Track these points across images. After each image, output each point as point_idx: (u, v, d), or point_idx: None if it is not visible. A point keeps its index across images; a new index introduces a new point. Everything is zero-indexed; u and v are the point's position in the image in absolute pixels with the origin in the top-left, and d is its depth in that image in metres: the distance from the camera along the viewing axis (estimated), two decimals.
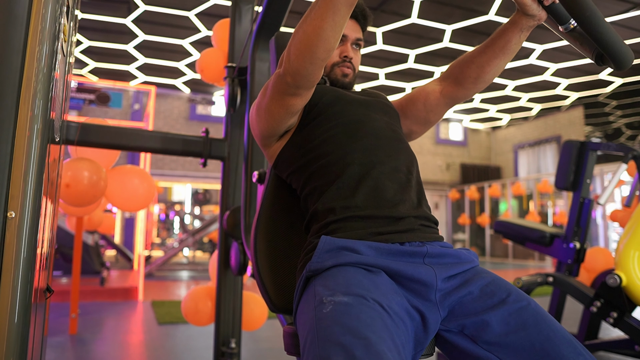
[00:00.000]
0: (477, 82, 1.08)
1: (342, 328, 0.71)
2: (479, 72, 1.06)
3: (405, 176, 1.01)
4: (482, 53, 1.04)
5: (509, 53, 1.02)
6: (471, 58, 1.06)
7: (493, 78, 1.07)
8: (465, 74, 1.08)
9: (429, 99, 1.15)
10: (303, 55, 0.88)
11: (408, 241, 0.92)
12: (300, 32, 0.87)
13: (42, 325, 1.22)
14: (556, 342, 0.79)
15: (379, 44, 7.58)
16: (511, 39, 0.99)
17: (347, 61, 1.16)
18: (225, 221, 1.98)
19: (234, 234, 1.97)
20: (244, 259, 1.89)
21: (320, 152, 1.02)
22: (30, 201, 0.97)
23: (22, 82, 0.98)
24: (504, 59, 1.03)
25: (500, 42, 1.01)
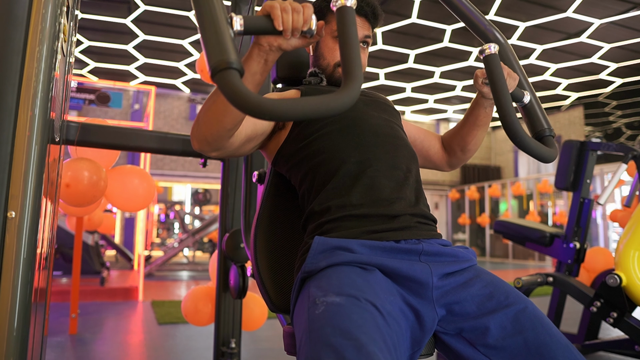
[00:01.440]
0: (464, 151, 1.23)
1: (333, 329, 0.71)
2: (462, 144, 1.21)
3: (403, 174, 1.01)
4: (462, 127, 1.19)
5: (482, 125, 1.17)
6: (456, 130, 1.21)
7: (477, 147, 1.22)
8: (453, 146, 1.23)
9: (434, 156, 1.27)
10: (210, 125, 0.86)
11: (404, 239, 0.92)
12: (209, 103, 0.85)
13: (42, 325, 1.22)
14: (552, 347, 0.79)
15: (379, 44, 7.58)
16: (479, 115, 1.14)
17: None
18: (224, 244, 1.96)
19: (234, 257, 1.94)
20: (243, 282, 1.87)
21: (316, 149, 1.02)
22: (30, 201, 0.97)
23: (22, 82, 0.98)
24: (479, 131, 1.18)
25: (471, 118, 1.16)
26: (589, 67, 8.26)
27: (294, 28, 0.74)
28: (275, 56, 0.79)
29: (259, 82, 0.82)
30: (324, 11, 1.12)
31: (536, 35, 7.10)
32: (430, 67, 8.56)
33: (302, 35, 0.77)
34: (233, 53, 0.62)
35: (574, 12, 6.28)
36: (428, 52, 7.88)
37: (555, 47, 7.46)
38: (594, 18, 6.46)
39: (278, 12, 0.73)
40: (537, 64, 8.19)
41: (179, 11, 6.54)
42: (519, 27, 6.86)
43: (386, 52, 7.91)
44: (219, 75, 0.61)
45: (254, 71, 0.80)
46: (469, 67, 8.46)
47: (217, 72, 0.61)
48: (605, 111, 10.41)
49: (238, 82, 0.61)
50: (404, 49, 7.80)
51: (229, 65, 0.61)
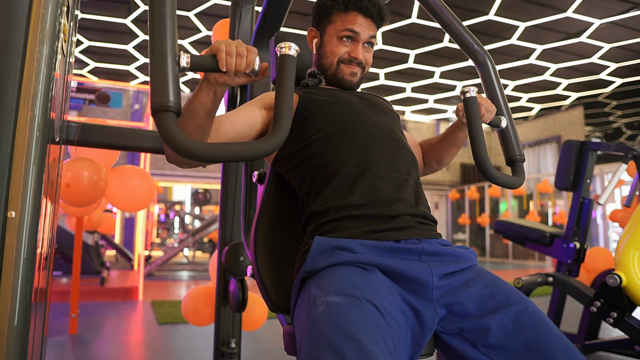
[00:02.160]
0: (440, 164, 1.31)
1: (333, 329, 0.71)
2: (439, 158, 1.29)
3: (403, 176, 1.01)
4: (441, 144, 1.25)
5: (459, 144, 1.24)
6: (434, 145, 1.27)
7: (450, 161, 1.30)
8: (431, 157, 1.30)
9: None
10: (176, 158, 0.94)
11: (404, 239, 0.92)
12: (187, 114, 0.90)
13: (42, 325, 1.22)
14: (552, 347, 0.79)
15: (379, 44, 7.58)
16: (456, 136, 1.21)
17: (354, 62, 1.13)
18: (224, 257, 1.96)
19: (233, 270, 1.94)
20: (242, 296, 1.87)
21: (316, 151, 1.01)
22: (30, 201, 0.97)
23: (22, 82, 0.98)
24: (456, 149, 1.25)
25: (450, 138, 1.22)
26: (589, 67, 8.25)
27: (237, 70, 0.80)
28: (223, 90, 0.85)
29: (211, 110, 0.87)
30: (329, 10, 1.13)
31: (536, 35, 7.09)
32: (430, 67, 8.56)
33: (246, 75, 0.83)
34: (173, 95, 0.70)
35: (574, 12, 6.28)
36: (428, 52, 7.88)
37: (555, 47, 7.46)
38: (594, 18, 6.46)
39: (223, 55, 0.78)
40: (537, 64, 8.19)
41: (179, 11, 6.54)
42: (519, 27, 6.86)
43: (386, 52, 7.91)
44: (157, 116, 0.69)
45: (204, 101, 0.86)
46: (469, 67, 8.46)
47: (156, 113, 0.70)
48: (605, 111, 10.41)
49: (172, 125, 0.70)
50: (404, 49, 7.80)
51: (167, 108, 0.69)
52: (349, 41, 1.11)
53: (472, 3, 6.25)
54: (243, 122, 1.03)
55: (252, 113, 1.06)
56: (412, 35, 7.29)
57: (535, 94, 9.96)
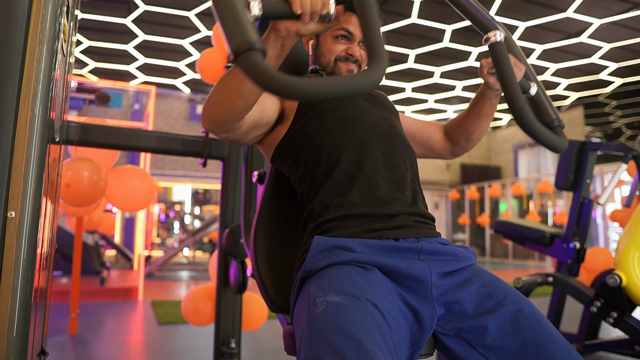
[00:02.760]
0: (468, 140, 1.22)
1: (333, 329, 0.71)
2: (466, 134, 1.21)
3: (401, 173, 1.01)
4: (467, 117, 1.18)
5: (486, 116, 1.16)
6: (460, 120, 1.20)
7: (481, 136, 1.21)
8: (457, 135, 1.22)
9: (436, 145, 1.26)
10: (221, 106, 0.86)
11: (402, 237, 0.92)
12: (221, 84, 0.85)
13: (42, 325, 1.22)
14: (550, 348, 0.79)
15: None
16: (483, 105, 1.13)
17: (351, 60, 1.12)
18: (225, 239, 1.97)
19: (234, 252, 1.95)
20: (243, 277, 1.88)
21: (315, 147, 1.01)
22: (30, 201, 0.97)
23: (22, 82, 0.98)
24: (484, 121, 1.17)
25: (476, 109, 1.15)
26: (589, 67, 8.25)
27: (313, 12, 0.73)
28: (292, 42, 0.79)
29: (275, 66, 0.81)
30: None
31: (536, 35, 7.09)
32: (430, 67, 8.56)
33: (320, 20, 0.76)
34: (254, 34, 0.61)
35: (574, 12, 6.28)
36: (428, 52, 7.88)
37: (555, 47, 7.46)
38: (594, 18, 6.46)
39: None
40: (537, 64, 8.19)
41: (179, 11, 6.54)
42: (519, 27, 6.86)
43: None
44: (241, 57, 0.60)
45: (269, 56, 0.80)
46: (469, 67, 8.46)
47: (239, 54, 0.60)
48: (605, 111, 10.41)
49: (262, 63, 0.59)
50: (404, 49, 7.80)
51: (251, 46, 0.59)
52: (345, 40, 1.12)
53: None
54: (268, 108, 1.02)
55: (273, 100, 1.05)
56: (412, 35, 7.29)
57: None
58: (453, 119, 1.24)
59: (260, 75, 0.59)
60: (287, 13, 0.73)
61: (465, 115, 1.18)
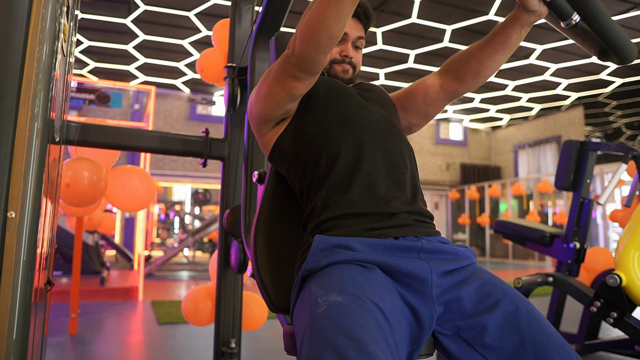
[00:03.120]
0: (477, 76, 1.08)
1: (335, 329, 0.71)
2: (479, 67, 1.06)
3: (400, 171, 1.01)
4: (483, 48, 1.04)
5: (509, 48, 1.02)
6: (471, 53, 1.06)
7: (492, 73, 1.07)
8: (465, 69, 1.08)
9: (428, 92, 1.15)
10: (307, 41, 0.88)
11: (402, 236, 0.92)
12: (305, 18, 0.87)
13: (42, 325, 1.22)
14: (548, 348, 0.79)
15: (379, 44, 7.58)
16: (511, 34, 0.99)
17: (346, 61, 1.15)
18: (225, 219, 1.98)
19: (234, 232, 1.97)
20: (243, 257, 1.89)
21: (314, 144, 1.02)
22: (30, 201, 0.97)
23: (22, 82, 0.98)
24: (504, 54, 1.03)
25: (500, 38, 1.01)
26: (589, 67, 8.26)
27: None
28: None
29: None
30: None
31: (536, 35, 7.10)
32: (430, 67, 8.56)
33: None
34: None
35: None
36: (428, 52, 7.88)
37: (555, 47, 7.46)
38: None
39: None
40: (537, 64, 8.19)
41: (179, 11, 6.54)
42: None
43: (386, 52, 7.91)
44: None
45: None
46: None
47: None
48: (605, 111, 10.41)
49: None
50: (404, 49, 7.80)
51: None
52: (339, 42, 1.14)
53: (472, 3, 6.25)
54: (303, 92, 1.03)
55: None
56: (412, 35, 7.29)
57: (535, 94, 9.96)
58: (458, 53, 1.11)
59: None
60: None
61: (481, 46, 1.04)
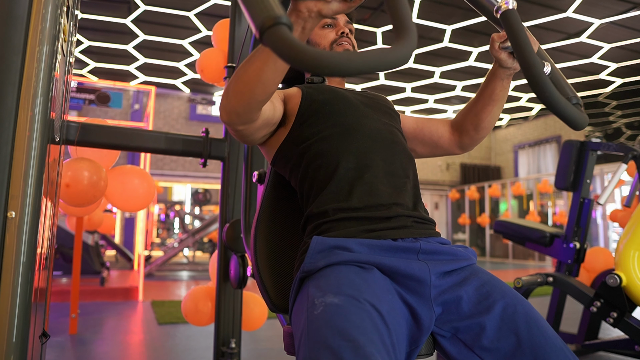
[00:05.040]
0: (478, 129, 1.15)
1: (331, 330, 0.71)
2: (476, 122, 1.14)
3: (401, 180, 1.00)
4: (476, 102, 1.12)
5: (498, 100, 1.09)
6: (469, 107, 1.15)
7: (492, 124, 1.14)
8: (467, 123, 1.16)
9: (441, 140, 1.21)
10: (241, 95, 0.85)
11: (401, 237, 0.92)
12: (241, 71, 0.83)
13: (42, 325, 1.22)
14: (546, 350, 0.79)
15: (379, 44, 7.58)
16: (495, 87, 1.08)
17: (344, 36, 1.16)
18: (225, 234, 1.97)
19: (234, 247, 1.95)
20: (243, 272, 1.88)
21: (316, 152, 1.01)
22: (30, 201, 0.97)
23: (22, 82, 0.98)
24: (495, 106, 1.11)
25: (487, 92, 1.09)
26: (589, 67, 8.25)
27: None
28: (314, 23, 0.75)
29: None
30: None
31: (536, 35, 7.01)
32: (430, 67, 8.56)
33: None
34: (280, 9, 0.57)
35: (574, 12, 6.29)
36: (428, 52, 7.88)
37: (555, 47, 7.46)
38: (594, 18, 6.46)
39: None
40: None
41: (179, 11, 6.54)
42: None
43: None
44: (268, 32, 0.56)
45: None
46: (469, 67, 8.46)
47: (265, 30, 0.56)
48: (605, 111, 10.41)
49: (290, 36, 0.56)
50: None
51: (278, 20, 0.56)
52: (331, 27, 1.18)
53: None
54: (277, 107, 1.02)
55: (281, 103, 1.06)
56: None
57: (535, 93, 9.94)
58: (462, 109, 1.19)
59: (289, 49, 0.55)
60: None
61: (474, 101, 1.13)
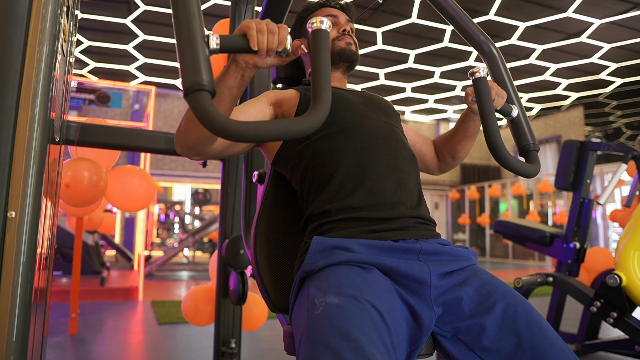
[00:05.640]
0: (454, 159, 1.27)
1: (332, 330, 0.71)
2: (452, 152, 1.25)
3: (404, 177, 1.01)
4: (452, 137, 1.23)
5: (472, 136, 1.21)
6: (446, 139, 1.25)
7: (466, 154, 1.27)
8: (444, 153, 1.27)
9: (425, 159, 1.30)
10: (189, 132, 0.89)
11: (402, 238, 0.92)
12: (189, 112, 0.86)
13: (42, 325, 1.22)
14: (547, 350, 0.79)
15: (379, 44, 7.58)
16: (468, 127, 1.18)
17: (345, 33, 1.17)
18: (224, 250, 1.96)
19: (233, 264, 1.95)
20: (243, 289, 1.88)
21: (317, 151, 1.02)
22: (30, 201, 0.97)
23: (22, 82, 0.98)
24: (469, 141, 1.22)
25: (461, 130, 1.20)
26: (589, 67, 8.26)
27: (269, 49, 0.76)
28: (252, 72, 0.82)
29: (236, 95, 0.84)
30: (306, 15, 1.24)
31: (536, 35, 7.10)
32: (430, 67, 8.56)
33: (277, 55, 0.79)
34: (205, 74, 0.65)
35: (574, 12, 6.29)
36: (428, 52, 7.88)
37: (555, 47, 7.46)
38: (594, 18, 6.46)
39: (254, 33, 0.74)
40: (537, 64, 8.19)
41: None
42: (519, 27, 6.86)
43: (386, 52, 7.91)
44: (190, 96, 0.64)
45: (230, 85, 0.82)
46: (469, 67, 8.46)
47: (189, 93, 0.64)
48: (605, 111, 10.41)
49: (208, 104, 0.64)
50: (404, 49, 7.80)
51: (201, 87, 0.64)
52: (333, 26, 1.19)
53: (472, 3, 6.25)
54: (254, 117, 1.04)
55: (261, 108, 1.07)
56: (412, 35, 7.29)
57: (535, 94, 9.96)
58: (439, 137, 1.30)
59: (203, 116, 0.64)
60: (244, 48, 0.76)
61: (451, 134, 1.23)
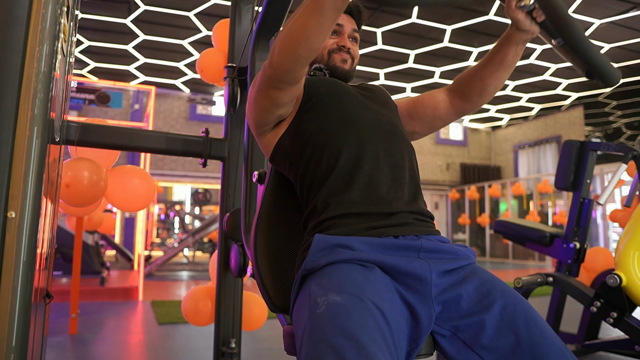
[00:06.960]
0: (482, 94, 1.13)
1: (334, 329, 0.71)
2: (482, 86, 1.11)
3: (401, 171, 1.01)
4: (484, 67, 1.09)
5: (507, 66, 1.07)
6: (475, 72, 1.11)
7: (496, 90, 1.12)
8: (470, 87, 1.13)
9: (438, 107, 1.19)
10: (286, 52, 0.88)
11: (402, 235, 0.92)
12: (286, 29, 0.86)
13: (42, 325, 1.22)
14: (545, 350, 0.79)
15: (379, 44, 7.58)
16: (508, 53, 1.05)
17: (343, 50, 1.17)
18: (225, 223, 1.98)
19: (234, 235, 1.96)
20: (243, 260, 1.89)
21: (315, 144, 1.02)
22: (30, 201, 0.97)
23: (22, 82, 0.98)
24: (504, 72, 1.08)
25: (498, 57, 1.06)
26: None
27: None
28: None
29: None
30: None
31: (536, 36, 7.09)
32: (430, 67, 8.56)
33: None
34: None
35: (574, 12, 6.29)
36: (428, 52, 7.88)
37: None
38: (594, 18, 6.46)
39: None
40: (537, 64, 8.19)
41: (179, 11, 6.54)
42: None
43: (386, 52, 7.91)
44: None
45: None
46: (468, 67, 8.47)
47: None
48: (605, 111, 10.41)
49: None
50: (404, 49, 7.80)
51: None
52: (335, 35, 1.18)
53: (472, 3, 6.25)
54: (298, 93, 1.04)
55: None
56: (412, 35, 7.29)
57: (535, 94, 9.95)
58: (463, 72, 1.15)
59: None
60: None
61: (482, 65, 1.09)
